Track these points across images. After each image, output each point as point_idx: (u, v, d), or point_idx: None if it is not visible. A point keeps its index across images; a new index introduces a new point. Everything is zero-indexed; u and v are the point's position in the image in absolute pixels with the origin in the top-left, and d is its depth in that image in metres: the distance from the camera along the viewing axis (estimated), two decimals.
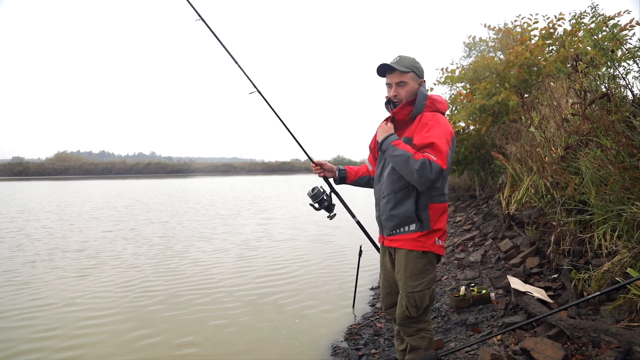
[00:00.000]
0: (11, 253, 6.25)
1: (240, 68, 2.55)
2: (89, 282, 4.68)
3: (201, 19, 2.51)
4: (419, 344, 1.95)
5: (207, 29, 2.51)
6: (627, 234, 2.32)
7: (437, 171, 1.68)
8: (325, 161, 2.35)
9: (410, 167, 1.70)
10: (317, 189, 2.36)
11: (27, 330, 3.36)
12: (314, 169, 2.34)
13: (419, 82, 1.94)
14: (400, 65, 1.89)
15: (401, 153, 1.75)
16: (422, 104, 1.90)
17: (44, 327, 3.41)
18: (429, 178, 1.68)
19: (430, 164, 1.67)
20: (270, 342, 3.08)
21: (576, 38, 5.85)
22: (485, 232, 4.90)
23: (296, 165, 72.31)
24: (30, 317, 3.64)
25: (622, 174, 2.36)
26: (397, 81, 1.91)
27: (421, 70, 1.95)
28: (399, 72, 1.89)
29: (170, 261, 5.67)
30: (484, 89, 6.33)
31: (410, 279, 1.89)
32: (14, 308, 3.86)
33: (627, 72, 3.46)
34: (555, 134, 3.60)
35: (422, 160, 1.68)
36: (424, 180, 1.69)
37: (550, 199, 3.40)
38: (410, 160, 1.71)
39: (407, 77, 1.90)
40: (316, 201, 2.36)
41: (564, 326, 2.17)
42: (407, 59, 1.92)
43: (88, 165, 61.62)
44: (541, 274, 3.12)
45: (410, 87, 1.92)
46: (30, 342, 3.14)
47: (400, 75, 1.90)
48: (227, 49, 2.53)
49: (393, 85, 1.93)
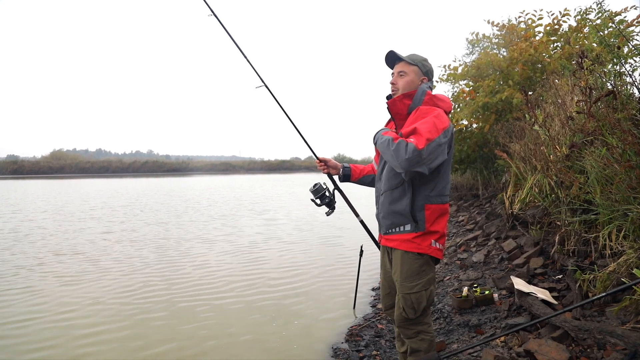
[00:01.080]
0: (5, 256, 6.23)
1: (249, 63, 2.57)
2: (88, 287, 4.64)
3: (213, 15, 2.53)
4: (419, 346, 1.92)
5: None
6: (633, 234, 2.28)
7: (412, 150, 1.62)
8: (329, 158, 2.33)
9: (389, 150, 1.70)
10: (319, 185, 2.36)
11: (24, 339, 3.18)
12: (318, 165, 2.33)
13: (421, 79, 1.93)
14: (408, 57, 1.93)
15: (384, 139, 1.76)
16: (420, 99, 1.87)
17: (41, 337, 3.22)
18: (404, 158, 1.63)
19: (406, 145, 1.65)
20: (270, 343, 3.06)
21: (581, 34, 5.78)
22: (488, 231, 4.86)
23: (296, 163, 72.34)
24: (24, 326, 3.45)
25: (628, 173, 2.32)
26: (399, 70, 1.94)
27: (428, 67, 1.94)
28: (404, 62, 1.92)
29: (173, 263, 5.66)
30: (487, 86, 6.27)
31: (407, 280, 1.86)
32: (13, 313, 3.83)
33: (634, 69, 3.41)
34: (559, 132, 3.55)
35: (398, 142, 1.67)
36: (399, 162, 1.65)
37: (555, 198, 3.36)
38: (389, 144, 1.70)
39: (409, 69, 1.91)
40: (317, 197, 2.36)
41: (568, 328, 2.13)
42: (418, 56, 1.96)
43: (84, 164, 61.24)
44: (545, 275, 3.08)
45: (410, 78, 1.91)
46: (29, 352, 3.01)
47: (403, 65, 1.92)
48: (237, 44, 2.55)
49: (395, 74, 1.95)
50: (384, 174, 1.95)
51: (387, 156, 1.75)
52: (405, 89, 1.91)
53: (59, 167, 58.11)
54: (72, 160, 61.90)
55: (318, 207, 2.40)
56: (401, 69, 1.92)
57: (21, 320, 3.56)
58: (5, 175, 52.54)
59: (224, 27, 2.54)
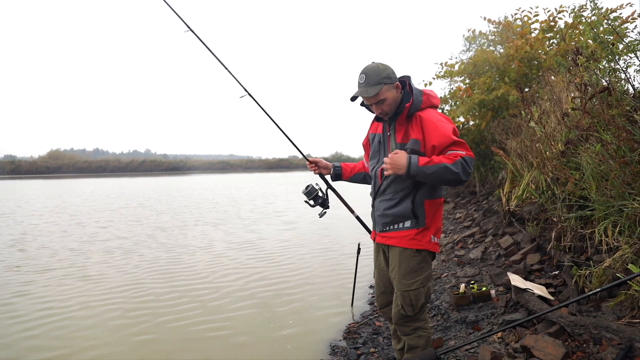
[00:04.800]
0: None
1: (230, 73, 2.59)
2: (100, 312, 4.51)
3: (190, 30, 2.57)
4: (416, 342, 1.93)
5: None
6: (628, 230, 2.29)
7: (472, 162, 1.72)
8: (320, 158, 2.35)
9: (452, 174, 1.66)
10: (311, 186, 2.41)
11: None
12: (310, 166, 2.35)
13: (395, 87, 1.84)
14: (368, 86, 1.80)
15: (436, 168, 1.66)
16: (419, 100, 1.85)
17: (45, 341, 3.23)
18: (469, 172, 1.70)
19: (465, 161, 1.68)
20: (268, 341, 3.07)
21: (577, 31, 5.79)
22: (485, 228, 4.87)
23: (294, 162, 72.37)
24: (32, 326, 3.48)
25: (623, 169, 2.33)
26: (374, 102, 1.84)
27: (390, 75, 1.82)
28: (371, 96, 1.81)
29: (168, 259, 5.66)
30: (484, 83, 6.28)
31: (405, 277, 1.86)
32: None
33: (628, 66, 3.42)
34: (555, 129, 3.56)
35: (459, 162, 1.67)
36: (466, 177, 1.69)
37: (551, 194, 3.37)
38: (449, 169, 1.65)
39: (382, 94, 1.81)
40: (310, 198, 2.40)
41: (564, 323, 2.14)
42: (373, 73, 1.81)
43: (82, 163, 61.07)
44: (542, 271, 3.10)
45: (390, 99, 1.83)
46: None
47: (375, 96, 1.81)
48: (217, 57, 2.58)
49: (373, 105, 1.87)
50: (391, 178, 1.89)
51: (449, 180, 1.68)
52: (392, 107, 1.86)
53: (56, 167, 57.87)
54: (70, 159, 61.67)
55: (312, 208, 2.44)
56: (376, 100, 1.82)
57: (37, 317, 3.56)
58: (3, 175, 52.29)
59: (203, 42, 2.58)
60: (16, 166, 56.33)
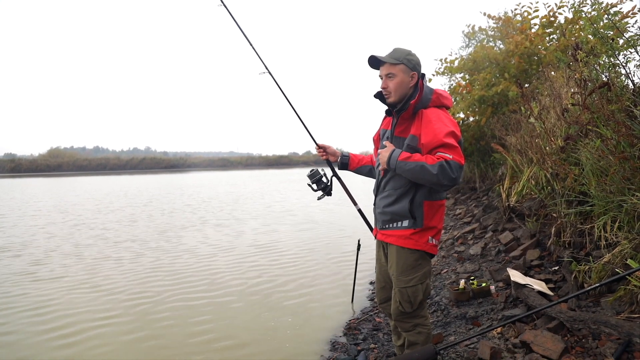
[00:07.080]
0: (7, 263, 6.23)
1: (254, 50, 2.63)
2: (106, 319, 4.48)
3: (223, 4, 2.59)
4: (416, 339, 1.94)
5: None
6: (627, 225, 2.30)
7: (458, 168, 1.64)
8: (329, 145, 2.33)
9: (428, 173, 1.63)
10: (315, 170, 2.37)
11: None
12: (318, 151, 2.34)
13: (410, 75, 1.85)
14: (390, 57, 1.83)
15: (413, 165, 1.67)
16: (428, 98, 1.83)
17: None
18: (452, 177, 1.62)
19: (448, 164, 1.62)
20: (268, 337, 3.08)
21: (577, 26, 5.77)
22: (485, 224, 4.88)
23: (293, 158, 72.44)
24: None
25: (623, 164, 2.33)
26: (386, 73, 1.86)
27: (414, 62, 1.84)
28: (388, 64, 1.83)
29: (169, 255, 5.67)
30: (483, 79, 6.27)
31: (403, 274, 1.87)
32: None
33: (628, 61, 3.41)
34: (555, 125, 3.56)
35: (439, 164, 1.62)
36: (447, 181, 1.62)
37: (551, 190, 3.37)
38: (425, 168, 1.64)
39: (396, 69, 1.83)
40: (313, 181, 2.37)
41: (564, 318, 2.15)
42: (401, 50, 1.85)
43: (82, 161, 61.20)
44: (541, 267, 3.11)
45: (399, 79, 1.83)
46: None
47: (389, 67, 1.84)
48: (244, 33, 2.63)
49: (383, 77, 1.88)
50: (389, 175, 1.91)
51: (425, 179, 1.67)
52: (398, 90, 1.84)
53: (56, 165, 57.91)
54: (70, 157, 61.74)
55: (314, 192, 2.41)
56: (388, 71, 1.84)
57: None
58: (3, 173, 52.29)
59: (233, 17, 2.60)
60: (16, 164, 56.34)
